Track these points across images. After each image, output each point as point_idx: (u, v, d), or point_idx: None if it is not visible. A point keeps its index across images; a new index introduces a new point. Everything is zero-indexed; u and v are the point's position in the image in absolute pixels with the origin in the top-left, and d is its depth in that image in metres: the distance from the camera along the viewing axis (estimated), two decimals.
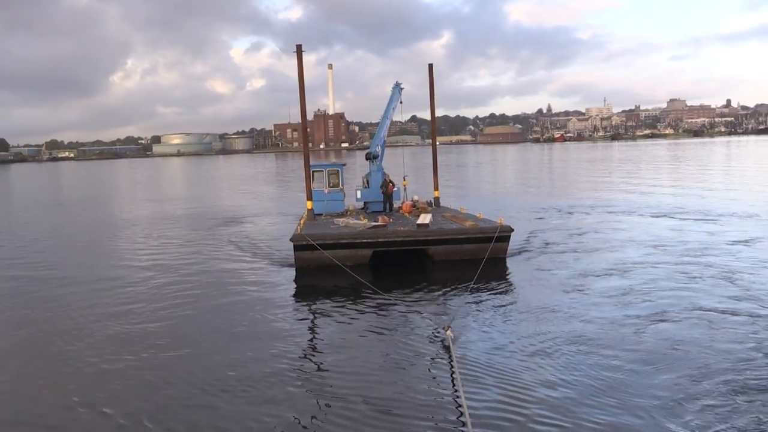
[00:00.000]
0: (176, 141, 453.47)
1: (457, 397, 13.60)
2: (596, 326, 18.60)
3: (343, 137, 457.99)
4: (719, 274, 24.60)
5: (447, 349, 16.62)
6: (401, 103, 40.69)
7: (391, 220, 32.44)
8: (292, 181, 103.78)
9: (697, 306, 20.22)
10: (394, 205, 37.18)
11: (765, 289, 22.13)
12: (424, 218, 31.36)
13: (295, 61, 34.11)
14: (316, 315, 22.06)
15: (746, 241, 31.37)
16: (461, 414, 12.76)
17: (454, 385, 14.36)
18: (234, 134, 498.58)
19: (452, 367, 15.28)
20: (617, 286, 23.51)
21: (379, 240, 28.79)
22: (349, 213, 35.92)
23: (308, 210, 34.75)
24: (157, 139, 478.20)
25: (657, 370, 15.10)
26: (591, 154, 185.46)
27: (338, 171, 37.22)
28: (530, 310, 20.55)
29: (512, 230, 29.42)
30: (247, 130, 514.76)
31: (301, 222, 33.29)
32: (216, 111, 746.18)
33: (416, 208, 35.92)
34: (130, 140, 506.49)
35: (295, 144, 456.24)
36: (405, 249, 29.14)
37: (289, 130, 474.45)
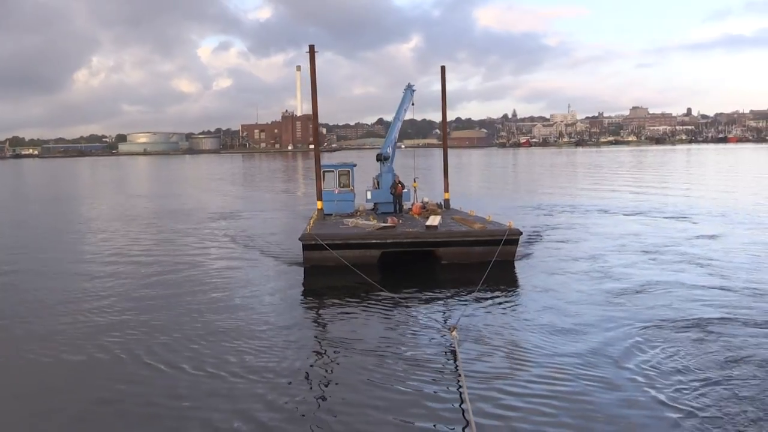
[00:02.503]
0: (142, 140, 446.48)
1: (462, 399, 13.65)
2: (603, 331, 18.73)
3: (311, 138, 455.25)
4: (726, 279, 25.17)
5: (452, 350, 16.69)
6: (413, 104, 40.47)
7: (400, 221, 32.49)
8: (267, 181, 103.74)
9: (711, 312, 20.47)
10: (404, 207, 37.18)
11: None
12: (433, 220, 31.43)
13: (264, 62, 35.24)
14: (322, 314, 22.27)
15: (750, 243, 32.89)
16: (465, 416, 12.81)
17: (459, 387, 14.37)
18: (200, 134, 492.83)
19: (457, 368, 15.37)
20: (620, 288, 24.14)
21: (388, 241, 28.82)
22: (359, 214, 35.91)
23: (318, 210, 34.75)
24: (122, 138, 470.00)
25: (663, 374, 15.28)
26: (558, 159, 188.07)
27: (349, 171, 37.16)
28: (536, 314, 20.64)
29: (521, 233, 29.60)
30: (213, 130, 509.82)
31: (311, 222, 33.22)
32: (182, 110, 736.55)
33: (426, 210, 36.02)
34: (94, 138, 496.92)
35: (263, 145, 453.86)
36: (413, 250, 29.15)
37: (256, 131, 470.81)
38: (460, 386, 14.21)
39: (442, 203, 38.75)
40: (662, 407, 13.42)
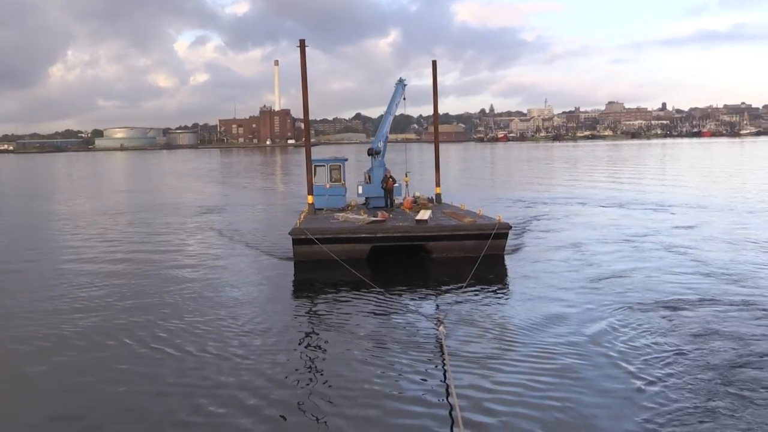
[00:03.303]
0: (119, 135, 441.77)
1: (448, 393, 13.69)
2: (589, 323, 18.91)
3: (289, 133, 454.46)
4: (717, 271, 25.52)
5: (439, 344, 16.71)
6: (404, 99, 40.35)
7: (390, 215, 32.39)
8: (248, 176, 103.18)
9: (704, 299, 21.03)
10: (396, 201, 37.06)
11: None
12: (423, 214, 31.31)
13: (241, 57, 34.80)
14: (311, 308, 22.26)
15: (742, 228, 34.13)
16: (451, 409, 12.82)
17: (445, 381, 14.44)
18: (178, 129, 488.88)
19: (444, 363, 15.41)
20: (602, 274, 25.16)
21: (378, 235, 28.72)
22: (350, 208, 35.83)
23: (309, 204, 34.55)
24: (98, 133, 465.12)
25: (635, 348, 16.49)
26: (536, 153, 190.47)
27: (340, 166, 37.03)
28: (524, 308, 20.72)
29: (510, 227, 29.69)
30: (190, 125, 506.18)
31: (302, 216, 33.08)
32: (158, 105, 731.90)
33: (417, 204, 35.99)
34: (69, 133, 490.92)
35: (241, 140, 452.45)
36: (403, 244, 29.05)
37: (234, 126, 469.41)
38: (447, 380, 14.29)
39: (434, 197, 38.72)
40: (632, 377, 14.61)
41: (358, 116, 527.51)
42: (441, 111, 39.77)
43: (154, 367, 16.09)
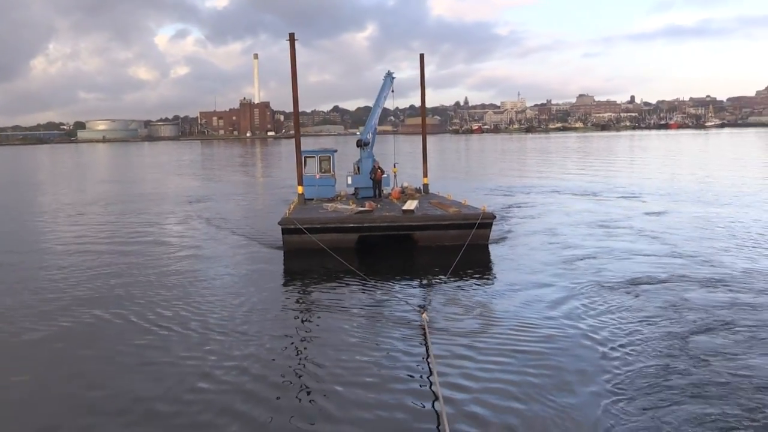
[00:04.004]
0: (101, 127, 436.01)
1: (431, 380, 13.86)
2: (564, 301, 19.72)
3: (269, 126, 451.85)
4: (683, 253, 26.65)
5: (422, 331, 16.86)
6: (393, 91, 40.50)
7: (378, 205, 32.51)
8: (231, 167, 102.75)
9: (679, 286, 21.67)
10: (384, 191, 37.17)
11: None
12: (410, 204, 31.43)
13: (221, 50, 35.39)
14: (299, 296, 22.31)
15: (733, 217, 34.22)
16: (434, 396, 13.00)
17: (428, 367, 14.55)
18: (159, 121, 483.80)
19: (427, 349, 15.57)
20: (577, 257, 26.26)
21: (365, 225, 28.84)
22: (339, 198, 35.87)
23: (299, 194, 34.60)
24: (80, 125, 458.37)
25: (602, 321, 17.80)
26: (510, 145, 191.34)
27: (330, 157, 37.09)
28: (504, 292, 21.19)
29: (494, 217, 29.89)
30: (171, 117, 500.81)
31: (291, 206, 33.18)
32: (140, 97, 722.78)
33: (405, 195, 36.07)
34: (51, 125, 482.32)
35: (221, 132, 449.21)
36: (390, 234, 29.16)
37: (215, 118, 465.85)
38: (430, 366, 14.44)
39: (421, 188, 38.90)
40: (600, 345, 15.89)
41: (335, 109, 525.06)
42: (417, 103, 39.96)
43: (147, 350, 16.38)
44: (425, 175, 39.88)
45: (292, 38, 33.88)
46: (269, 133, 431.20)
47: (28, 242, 33.51)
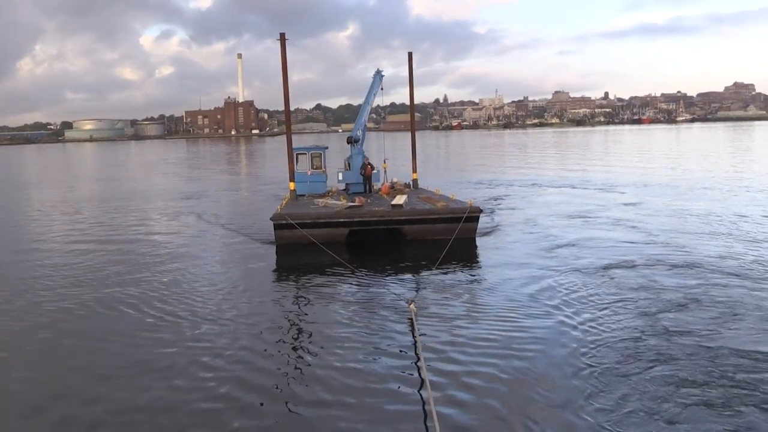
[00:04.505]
0: (88, 126, 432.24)
1: (419, 367, 14.07)
2: (549, 294, 19.84)
3: (253, 124, 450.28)
4: (657, 240, 27.71)
5: (410, 322, 17.06)
6: (382, 89, 40.61)
7: (368, 200, 32.63)
8: (218, 165, 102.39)
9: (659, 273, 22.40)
10: (375, 187, 37.33)
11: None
12: (399, 199, 31.55)
13: (205, 50, 35.11)
14: (290, 289, 22.33)
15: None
16: (422, 385, 13.18)
17: (416, 356, 14.74)
18: (145, 120, 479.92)
19: (414, 339, 15.76)
20: (557, 245, 27.35)
21: (355, 220, 28.97)
22: (330, 194, 35.89)
23: (291, 191, 34.74)
24: (67, 125, 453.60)
25: (578, 301, 18.76)
26: (489, 140, 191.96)
27: (321, 154, 37.23)
28: (489, 284, 21.49)
29: (481, 211, 30.08)
30: (156, 116, 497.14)
31: (284, 202, 33.37)
32: (125, 97, 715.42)
33: (394, 190, 36.20)
34: (38, 126, 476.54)
35: (206, 130, 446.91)
36: (380, 228, 29.33)
37: (200, 117, 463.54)
38: (417, 356, 14.62)
39: (411, 183, 39.04)
40: (579, 325, 16.73)
41: (318, 106, 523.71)
42: (397, 101, 40.09)
43: (140, 339, 16.71)
44: (414, 170, 40.02)
45: (282, 38, 34.04)
46: (254, 131, 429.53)
47: (23, 239, 33.49)
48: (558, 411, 12.08)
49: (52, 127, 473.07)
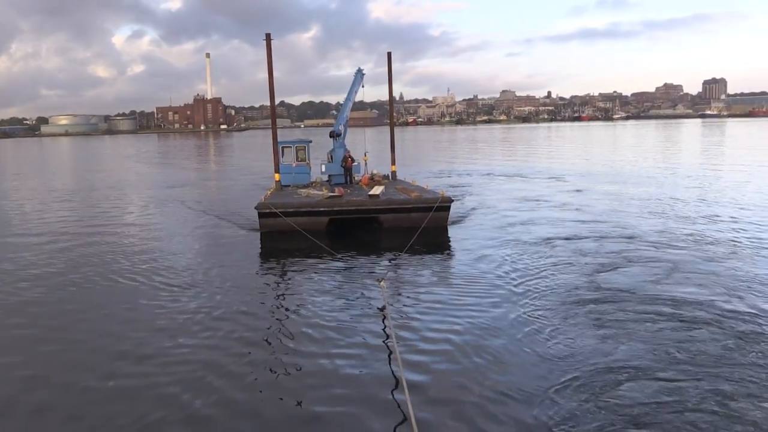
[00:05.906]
0: (64, 122, 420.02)
1: (387, 332, 14.62)
2: (505, 270, 20.85)
3: (221, 120, 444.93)
4: (599, 219, 30.35)
5: (380, 298, 17.40)
6: (363, 86, 40.78)
7: (348, 191, 32.78)
8: (193, 158, 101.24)
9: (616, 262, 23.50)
10: (356, 178, 37.45)
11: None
12: (376, 189, 31.80)
13: (175, 50, 34.67)
14: (273, 271, 22.57)
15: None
16: (390, 352, 13.69)
17: (385, 330, 15.15)
18: (117, 116, 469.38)
19: (384, 312, 16.20)
20: (512, 223, 29.67)
21: (335, 209, 29.07)
22: (313, 185, 35.96)
23: (276, 181, 34.81)
24: (43, 120, 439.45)
25: (527, 274, 20.19)
26: (443, 136, 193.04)
27: (305, 147, 37.50)
28: (453, 264, 22.54)
29: (452, 201, 30.26)
30: (128, 112, 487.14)
31: (269, 192, 33.37)
32: (98, 94, 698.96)
33: (374, 181, 36.37)
34: (15, 120, 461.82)
35: (177, 126, 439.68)
36: (358, 217, 29.43)
37: (170, 113, 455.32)
38: (386, 329, 15.00)
39: (389, 175, 39.22)
40: (529, 292, 18.20)
41: (282, 104, 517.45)
42: (357, 98, 40.54)
43: (130, 320, 16.64)
44: (393, 163, 40.11)
45: (268, 38, 33.89)
46: (221, 126, 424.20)
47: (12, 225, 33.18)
48: (510, 359, 13.43)
49: (28, 122, 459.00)
